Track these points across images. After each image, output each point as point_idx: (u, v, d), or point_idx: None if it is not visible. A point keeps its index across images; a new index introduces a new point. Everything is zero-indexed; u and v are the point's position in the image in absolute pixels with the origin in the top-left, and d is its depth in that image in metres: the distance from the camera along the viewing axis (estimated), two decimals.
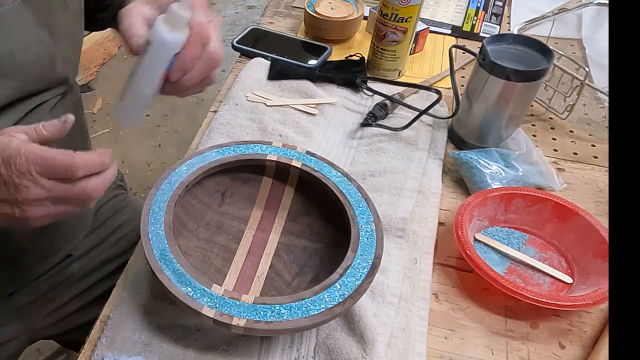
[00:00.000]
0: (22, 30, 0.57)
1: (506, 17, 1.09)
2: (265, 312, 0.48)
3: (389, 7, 0.82)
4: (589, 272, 0.61)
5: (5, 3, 0.55)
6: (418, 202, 0.69)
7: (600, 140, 0.82)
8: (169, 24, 0.47)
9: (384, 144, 0.76)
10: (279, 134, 0.77)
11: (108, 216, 0.83)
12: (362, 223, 0.58)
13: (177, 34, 0.47)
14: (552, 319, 0.58)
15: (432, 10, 1.08)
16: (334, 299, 0.50)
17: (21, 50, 0.57)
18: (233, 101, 0.82)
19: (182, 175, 0.60)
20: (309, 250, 0.62)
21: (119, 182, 0.91)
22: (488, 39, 0.72)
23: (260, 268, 0.60)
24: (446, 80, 0.90)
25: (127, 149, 1.94)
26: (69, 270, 0.76)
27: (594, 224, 0.62)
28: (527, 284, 0.61)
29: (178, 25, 0.47)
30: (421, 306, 0.58)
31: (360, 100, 0.86)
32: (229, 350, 0.53)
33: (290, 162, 0.64)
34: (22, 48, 0.57)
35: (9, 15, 0.55)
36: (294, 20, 1.05)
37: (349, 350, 0.52)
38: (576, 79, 0.79)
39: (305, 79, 0.87)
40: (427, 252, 0.64)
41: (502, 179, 0.70)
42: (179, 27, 0.47)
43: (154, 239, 0.53)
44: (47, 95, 0.63)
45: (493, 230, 0.67)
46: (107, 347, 0.53)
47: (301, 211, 0.65)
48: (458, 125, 0.79)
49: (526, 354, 0.55)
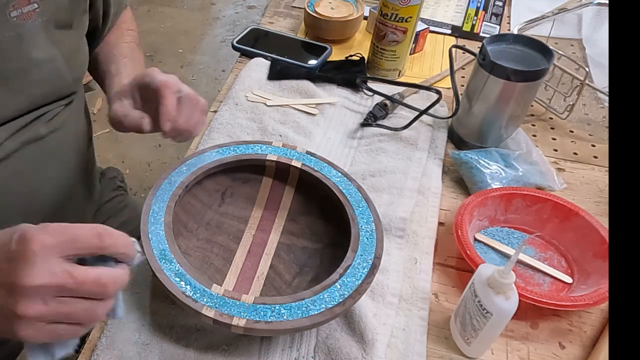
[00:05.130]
0: (37, 48, 0.59)
1: (506, 17, 1.09)
2: (265, 312, 0.48)
3: (389, 7, 0.82)
4: (589, 272, 0.61)
5: (26, 23, 0.56)
6: (418, 202, 0.69)
7: (600, 140, 0.82)
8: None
9: (384, 144, 0.76)
10: (279, 134, 0.77)
11: (108, 216, 0.83)
12: (362, 223, 0.58)
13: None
14: (552, 319, 0.58)
15: (432, 10, 1.08)
16: (334, 299, 0.50)
17: (35, 68, 0.59)
18: (233, 101, 0.82)
19: (182, 175, 0.60)
20: (309, 250, 0.62)
21: (119, 183, 0.91)
22: (488, 39, 0.72)
23: (260, 268, 0.60)
24: (446, 80, 0.90)
25: (127, 149, 1.94)
26: None
27: (594, 224, 0.62)
28: (527, 284, 0.61)
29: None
30: (421, 306, 0.58)
31: (360, 100, 0.86)
32: (229, 350, 0.53)
33: (290, 162, 0.64)
34: (36, 65, 0.59)
35: (28, 33, 0.57)
36: (294, 20, 1.05)
37: (349, 350, 0.52)
38: (576, 79, 0.79)
39: (305, 79, 0.87)
40: (427, 252, 0.64)
41: (502, 179, 0.70)
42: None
43: (154, 239, 0.53)
44: (53, 105, 0.65)
45: (493, 230, 0.67)
46: (107, 347, 0.53)
47: (301, 211, 0.65)
48: (458, 125, 0.79)
49: (526, 354, 0.55)
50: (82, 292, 0.39)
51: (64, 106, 0.66)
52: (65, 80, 0.64)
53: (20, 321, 0.38)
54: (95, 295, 0.40)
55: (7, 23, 0.54)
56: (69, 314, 0.39)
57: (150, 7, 2.70)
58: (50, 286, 0.38)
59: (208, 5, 2.78)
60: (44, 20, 0.58)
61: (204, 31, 2.59)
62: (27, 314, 0.38)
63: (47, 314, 0.38)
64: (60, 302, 0.38)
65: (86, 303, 0.39)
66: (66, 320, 0.39)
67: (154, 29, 2.54)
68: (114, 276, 0.41)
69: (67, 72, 0.64)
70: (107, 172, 0.90)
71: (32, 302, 0.38)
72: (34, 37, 0.58)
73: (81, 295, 0.39)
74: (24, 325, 0.38)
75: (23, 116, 0.61)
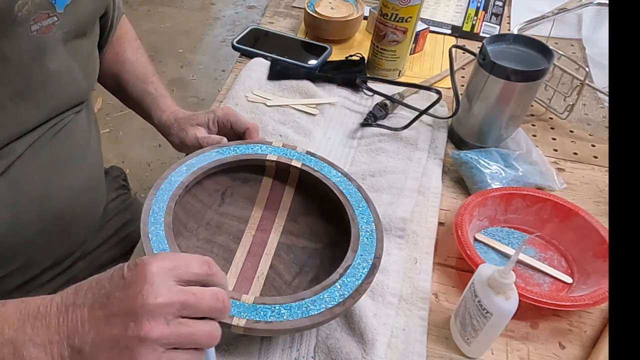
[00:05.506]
0: (57, 60, 0.60)
1: (506, 17, 1.09)
2: (265, 312, 0.48)
3: (389, 7, 0.82)
4: (589, 272, 0.61)
5: (46, 36, 0.57)
6: (418, 202, 0.69)
7: (600, 140, 0.82)
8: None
9: (384, 144, 0.76)
10: (279, 134, 0.77)
11: (112, 216, 0.83)
12: (362, 223, 0.58)
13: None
14: (552, 319, 0.58)
15: (432, 10, 1.08)
16: (334, 299, 0.50)
17: (54, 80, 0.60)
18: (233, 101, 0.82)
19: (182, 175, 0.60)
20: (309, 250, 0.62)
21: (122, 182, 0.91)
22: (488, 39, 0.72)
23: (260, 268, 0.60)
24: (446, 80, 0.90)
25: (127, 149, 1.94)
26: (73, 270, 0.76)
27: (594, 224, 0.62)
28: (527, 284, 0.61)
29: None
30: (421, 306, 0.58)
31: (360, 100, 0.86)
32: (229, 350, 0.53)
33: (290, 162, 0.64)
34: (55, 78, 0.60)
35: (47, 46, 0.58)
36: (294, 20, 1.05)
37: (349, 350, 0.52)
38: (576, 79, 0.79)
39: (305, 79, 0.87)
40: (427, 252, 0.64)
41: (502, 179, 0.70)
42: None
43: (154, 239, 0.53)
44: (67, 112, 0.66)
45: (493, 230, 0.67)
46: None
47: (301, 211, 0.65)
48: (458, 125, 0.79)
49: (526, 354, 0.55)
50: (202, 308, 0.40)
51: (75, 113, 0.68)
52: (80, 89, 0.66)
53: (141, 346, 0.37)
54: (214, 311, 0.40)
55: (28, 37, 0.55)
56: (189, 335, 0.39)
57: (150, 7, 2.70)
58: (173, 304, 0.38)
59: (208, 5, 2.79)
60: (64, 32, 0.59)
61: (204, 31, 2.59)
62: (151, 336, 0.37)
63: (170, 335, 0.38)
64: (180, 324, 0.39)
65: (205, 324, 0.40)
66: (186, 342, 0.39)
67: (154, 29, 2.54)
68: (225, 294, 0.42)
69: (83, 80, 0.65)
70: (111, 171, 0.91)
71: (155, 322, 0.37)
72: (53, 49, 0.59)
73: (201, 316, 0.40)
74: (145, 350, 0.37)
75: (41, 126, 0.62)
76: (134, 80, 0.78)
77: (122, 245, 0.82)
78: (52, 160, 0.64)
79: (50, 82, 0.60)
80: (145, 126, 0.86)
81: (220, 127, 0.70)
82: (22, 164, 0.60)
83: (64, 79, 0.62)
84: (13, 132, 0.59)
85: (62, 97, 0.63)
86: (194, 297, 0.39)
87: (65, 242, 0.71)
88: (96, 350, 0.38)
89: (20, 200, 0.60)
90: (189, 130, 0.70)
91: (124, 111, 2.04)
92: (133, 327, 0.37)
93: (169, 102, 0.77)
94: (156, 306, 0.38)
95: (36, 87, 0.58)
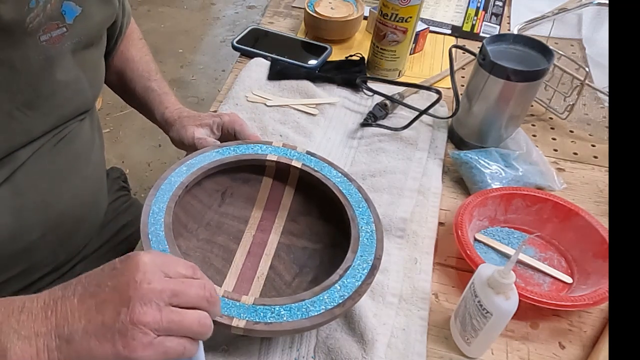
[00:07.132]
0: (65, 70, 0.60)
1: (506, 17, 1.09)
2: (265, 313, 0.48)
3: (389, 7, 0.82)
4: (589, 272, 0.61)
5: (54, 46, 0.57)
6: (418, 202, 0.69)
7: (600, 140, 0.82)
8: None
9: (384, 144, 0.76)
10: (279, 134, 0.77)
11: (112, 217, 0.83)
12: (362, 223, 0.58)
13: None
14: (552, 319, 0.58)
15: (432, 10, 1.08)
16: (333, 300, 0.50)
17: (61, 90, 0.61)
18: (233, 101, 0.82)
19: (182, 175, 0.60)
20: (309, 251, 0.62)
21: (123, 184, 0.91)
22: (488, 39, 0.71)
23: (260, 268, 0.60)
24: (446, 80, 0.90)
25: (127, 149, 1.94)
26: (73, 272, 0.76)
27: (594, 224, 0.62)
28: (527, 284, 0.61)
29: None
30: (421, 306, 0.58)
31: (360, 100, 0.86)
32: (229, 350, 0.53)
33: (290, 162, 0.64)
34: (62, 88, 0.61)
35: (56, 56, 0.58)
36: (294, 20, 1.05)
37: (349, 350, 0.52)
38: (576, 79, 0.79)
39: (305, 79, 0.87)
40: (427, 252, 0.64)
41: (502, 179, 0.70)
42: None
43: (154, 239, 0.53)
44: (72, 120, 0.66)
45: (493, 230, 0.67)
46: None
47: (301, 211, 0.65)
48: (458, 125, 0.79)
49: (526, 354, 0.55)
50: (191, 297, 0.41)
51: (80, 121, 0.68)
52: (86, 98, 0.66)
53: (134, 330, 0.38)
54: (202, 300, 0.42)
55: (37, 47, 0.55)
56: (180, 322, 0.40)
57: (150, 7, 2.70)
58: (165, 290, 0.39)
59: (208, 5, 2.79)
60: (72, 43, 0.59)
61: (204, 31, 2.59)
62: (143, 320, 0.38)
63: (161, 320, 0.39)
64: (172, 311, 0.40)
65: (195, 312, 0.41)
66: (177, 329, 0.40)
67: (154, 29, 2.54)
68: (212, 285, 0.44)
69: (89, 89, 0.66)
70: (111, 172, 0.91)
71: (147, 307, 0.38)
72: (62, 59, 0.59)
73: (190, 306, 0.41)
74: (138, 334, 0.38)
75: (45, 134, 0.62)
76: (137, 78, 0.79)
77: (122, 246, 0.82)
78: (55, 167, 0.64)
79: (58, 92, 0.60)
80: (145, 126, 0.86)
81: (224, 133, 0.70)
82: (25, 171, 0.60)
83: (71, 88, 0.62)
84: (20, 141, 0.59)
85: (69, 106, 0.64)
86: (182, 285, 0.41)
87: (66, 247, 0.71)
88: (87, 338, 0.38)
89: (23, 206, 0.61)
90: (189, 128, 0.70)
91: (124, 111, 2.04)
92: (125, 312, 0.38)
93: (173, 99, 0.77)
94: (149, 290, 0.39)
95: (44, 97, 0.59)
